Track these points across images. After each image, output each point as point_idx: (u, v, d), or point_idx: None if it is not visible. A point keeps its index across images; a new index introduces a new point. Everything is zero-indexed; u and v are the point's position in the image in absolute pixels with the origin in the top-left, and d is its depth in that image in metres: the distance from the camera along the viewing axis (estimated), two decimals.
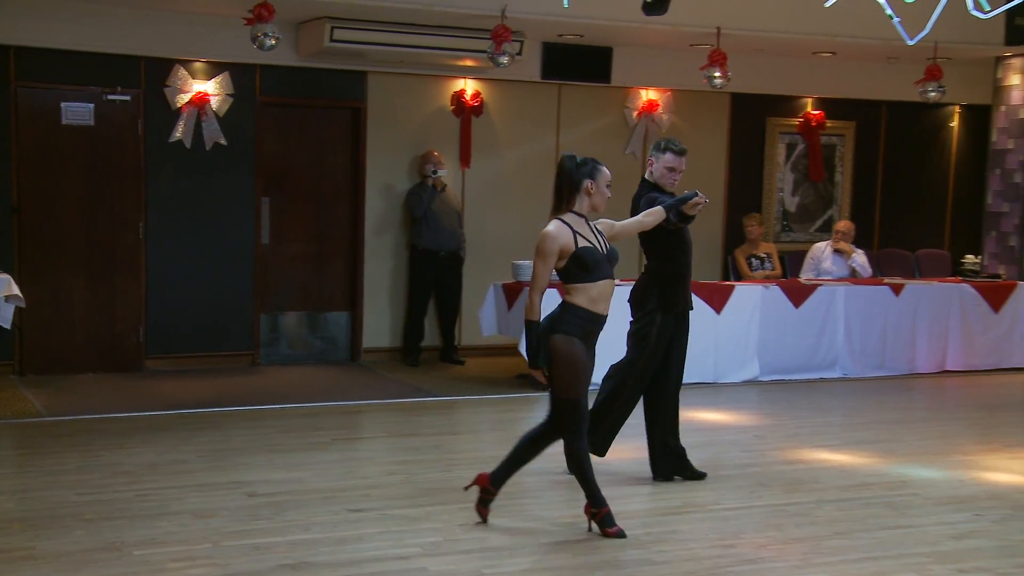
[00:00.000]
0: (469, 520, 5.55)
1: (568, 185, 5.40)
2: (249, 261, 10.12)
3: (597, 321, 5.34)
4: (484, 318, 9.71)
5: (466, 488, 5.59)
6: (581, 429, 5.33)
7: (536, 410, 8.67)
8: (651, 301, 6.32)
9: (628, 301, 6.45)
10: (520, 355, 9.17)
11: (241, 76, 9.90)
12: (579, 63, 10.79)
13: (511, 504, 5.88)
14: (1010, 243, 11.11)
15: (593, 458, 5.54)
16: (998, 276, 10.97)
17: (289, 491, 6.03)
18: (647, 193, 6.36)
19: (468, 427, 8.26)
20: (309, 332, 10.56)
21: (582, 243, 5.29)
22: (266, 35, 8.36)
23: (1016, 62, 11.03)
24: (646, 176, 6.53)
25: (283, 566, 4.83)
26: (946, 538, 5.45)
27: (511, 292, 9.41)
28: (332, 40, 9.36)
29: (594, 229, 5.42)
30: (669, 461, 6.41)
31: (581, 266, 5.27)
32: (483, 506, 5.50)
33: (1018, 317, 10.70)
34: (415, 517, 5.60)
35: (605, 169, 5.47)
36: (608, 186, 5.47)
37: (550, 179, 12.08)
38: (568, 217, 5.38)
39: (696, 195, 5.97)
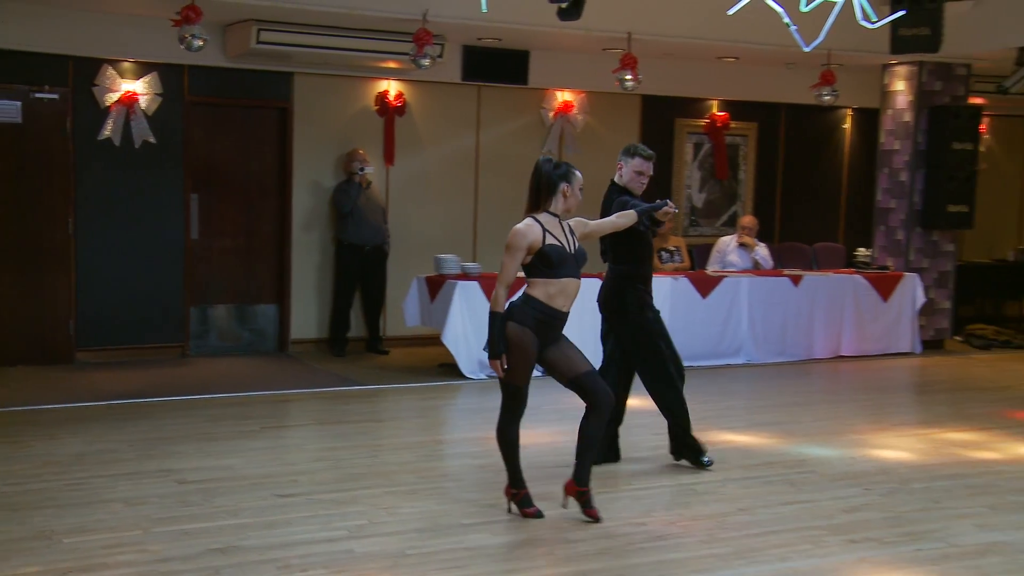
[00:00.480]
0: (394, 504, 5.52)
1: (545, 186, 5.37)
2: (179, 256, 9.94)
3: (554, 315, 5.28)
4: (408, 310, 9.68)
5: (564, 506, 5.39)
6: (517, 415, 5.34)
7: (458, 397, 8.68)
8: (628, 303, 6.25)
9: (599, 303, 6.37)
10: (442, 344, 9.17)
11: (169, 76, 9.71)
12: (498, 65, 10.79)
13: (433, 487, 5.87)
14: (897, 237, 11.36)
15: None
16: (887, 267, 11.22)
17: (219, 478, 5.94)
18: (618, 196, 6.30)
19: (392, 414, 8.22)
20: (238, 324, 10.42)
21: (550, 240, 5.24)
22: (194, 36, 8.20)
23: (900, 69, 11.27)
24: (615, 179, 6.46)
25: (212, 550, 4.76)
26: (840, 512, 5.56)
27: (433, 284, 9.39)
28: (259, 42, 9.22)
29: (566, 229, 5.37)
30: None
31: (546, 262, 5.23)
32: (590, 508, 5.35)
33: (905, 305, 10.95)
34: (342, 501, 5.56)
35: (579, 174, 5.45)
36: (580, 190, 5.43)
37: (471, 176, 12.17)
38: (541, 216, 5.33)
39: (667, 203, 5.96)
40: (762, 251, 10.91)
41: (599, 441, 5.42)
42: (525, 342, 5.23)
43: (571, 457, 6.51)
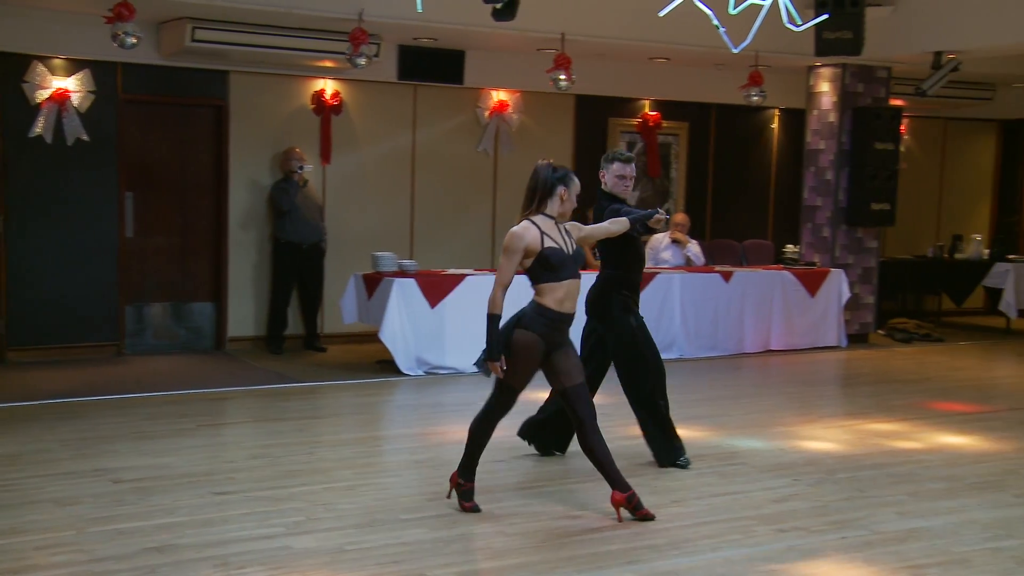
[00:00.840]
0: (332, 500, 5.49)
1: (543, 189, 5.32)
2: (113, 254, 9.77)
3: (564, 320, 5.28)
4: (345, 307, 9.61)
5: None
6: (502, 414, 5.41)
7: (396, 393, 8.64)
8: (613, 307, 6.27)
9: (586, 304, 6.37)
10: (380, 341, 9.12)
11: (103, 73, 9.53)
12: (433, 65, 10.76)
13: (371, 483, 5.84)
14: (823, 234, 11.55)
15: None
16: (814, 264, 11.40)
17: (155, 476, 5.85)
18: (609, 205, 6.31)
19: (330, 411, 8.15)
20: (174, 322, 10.26)
21: (548, 243, 5.20)
22: (127, 34, 8.04)
23: (825, 71, 11.45)
24: (602, 187, 6.46)
25: (148, 549, 4.68)
26: (769, 502, 5.64)
27: (371, 282, 9.33)
28: (193, 40, 9.09)
29: (563, 231, 5.34)
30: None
31: (547, 266, 5.20)
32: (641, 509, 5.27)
33: (831, 300, 11.14)
34: (279, 498, 5.50)
35: (577, 179, 5.43)
36: (576, 196, 5.42)
37: (407, 175, 12.11)
38: (537, 219, 5.28)
39: (658, 212, 6.05)
40: (694, 248, 11.02)
41: (607, 451, 5.34)
42: (533, 349, 5.23)
43: (509, 453, 6.54)
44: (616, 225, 5.91)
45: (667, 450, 6.33)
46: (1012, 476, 6.26)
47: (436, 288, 9.19)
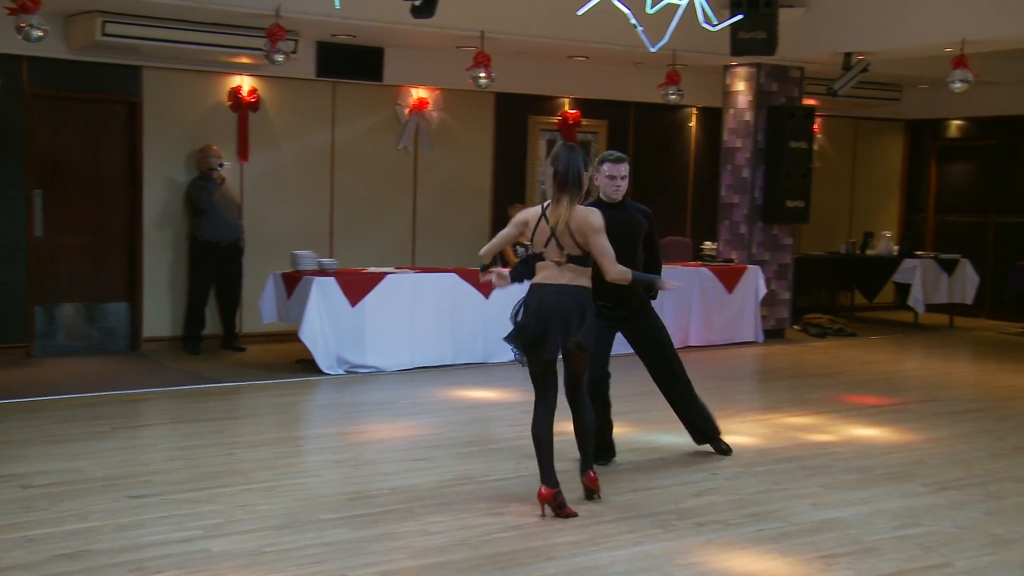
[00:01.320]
0: (251, 501, 5.41)
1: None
2: (22, 253, 9.50)
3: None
4: (264, 306, 9.48)
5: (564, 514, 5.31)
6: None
7: (316, 393, 8.55)
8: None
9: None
10: (299, 340, 9.02)
11: (8, 67, 9.26)
12: (352, 62, 10.68)
13: (292, 484, 5.78)
14: (740, 231, 11.72)
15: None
16: (731, 260, 11.58)
17: (67, 481, 5.71)
18: (605, 210, 6.07)
19: (249, 411, 8.04)
20: (87, 323, 10.02)
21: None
22: (31, 26, 7.76)
23: (741, 71, 11.63)
24: (599, 196, 6.30)
25: (59, 556, 4.56)
26: (688, 496, 5.71)
27: (290, 281, 9.23)
28: (104, 34, 8.87)
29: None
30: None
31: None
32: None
33: (748, 296, 11.32)
34: (197, 500, 5.41)
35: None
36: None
37: (326, 173, 11.99)
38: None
39: (668, 283, 5.95)
40: None
41: (550, 441, 5.43)
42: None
43: (431, 451, 6.53)
44: (613, 268, 5.55)
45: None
46: (920, 466, 6.43)
47: (356, 286, 9.13)
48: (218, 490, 5.60)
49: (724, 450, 6.61)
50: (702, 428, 6.66)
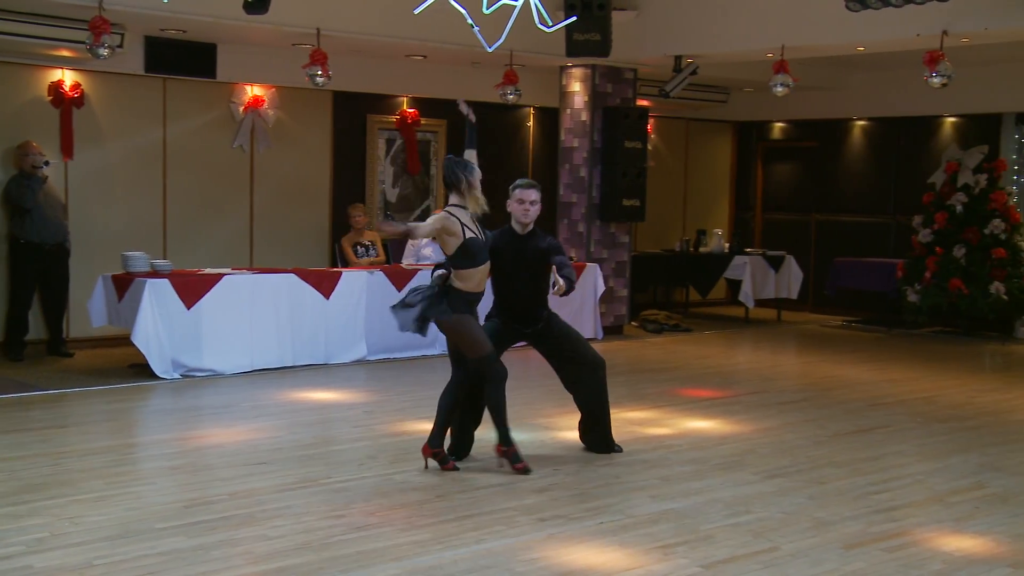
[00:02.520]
0: (79, 513, 5.19)
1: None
2: None
3: (479, 299, 6.13)
4: (93, 309, 9.10)
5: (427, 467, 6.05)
6: (499, 378, 6.07)
7: (151, 398, 8.27)
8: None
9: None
10: (132, 345, 8.71)
11: None
12: (183, 58, 10.36)
13: (124, 493, 5.57)
14: (579, 229, 11.93)
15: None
16: (571, 258, 11.73)
17: None
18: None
19: (77, 419, 7.71)
20: None
21: (469, 235, 6.01)
22: None
23: (576, 72, 11.85)
24: (510, 222, 6.68)
25: None
26: (531, 492, 5.78)
27: (121, 283, 8.89)
28: None
29: (474, 219, 6.19)
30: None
31: (468, 255, 5.99)
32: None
33: (587, 294, 11.52)
34: (19, 515, 5.15)
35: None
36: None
37: (158, 171, 11.62)
38: (454, 210, 6.11)
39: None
40: None
41: (501, 406, 6.08)
42: (469, 322, 6.06)
43: (271, 455, 6.40)
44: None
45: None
46: (750, 455, 6.69)
47: (192, 288, 8.87)
48: (42, 503, 5.35)
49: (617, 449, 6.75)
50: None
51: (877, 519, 5.40)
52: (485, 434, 6.52)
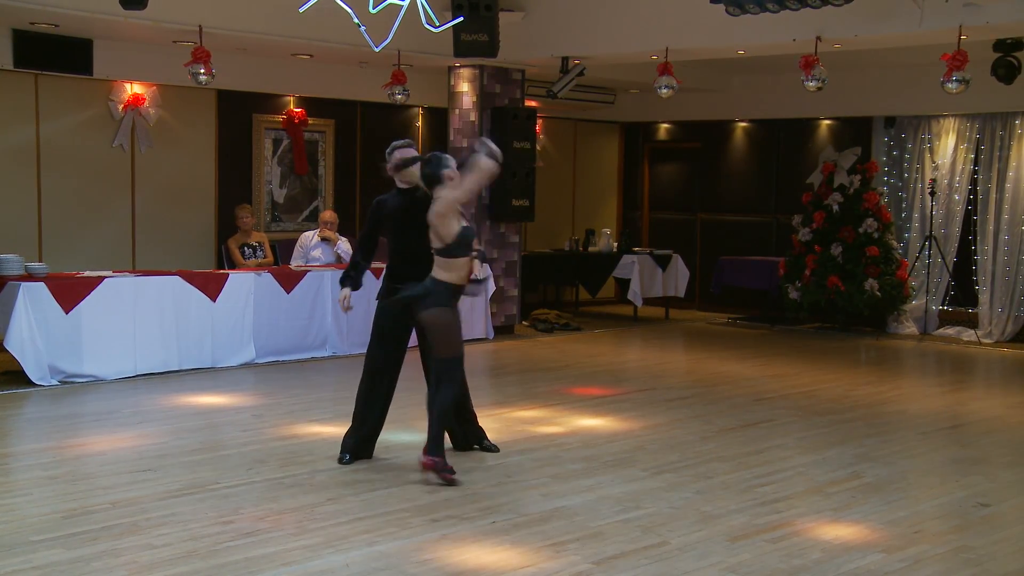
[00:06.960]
0: None
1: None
2: None
3: (461, 291, 6.09)
4: None
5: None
6: (460, 383, 6.14)
7: (26, 406, 7.98)
8: (379, 292, 6.71)
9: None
10: (6, 351, 8.40)
11: None
12: (57, 53, 10.02)
13: None
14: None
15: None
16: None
17: None
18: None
19: None
20: None
21: (464, 223, 5.98)
22: None
23: (464, 72, 11.87)
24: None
25: None
26: (424, 493, 5.77)
27: None
28: None
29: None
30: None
31: (465, 243, 5.92)
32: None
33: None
34: None
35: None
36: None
37: (32, 171, 11.23)
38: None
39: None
40: (344, 245, 11.04)
41: (450, 412, 6.13)
42: (453, 321, 6.06)
43: (156, 461, 6.25)
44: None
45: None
46: (640, 452, 6.80)
47: (70, 292, 8.59)
48: None
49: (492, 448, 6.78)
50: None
51: (762, 511, 5.55)
52: (384, 437, 6.49)
